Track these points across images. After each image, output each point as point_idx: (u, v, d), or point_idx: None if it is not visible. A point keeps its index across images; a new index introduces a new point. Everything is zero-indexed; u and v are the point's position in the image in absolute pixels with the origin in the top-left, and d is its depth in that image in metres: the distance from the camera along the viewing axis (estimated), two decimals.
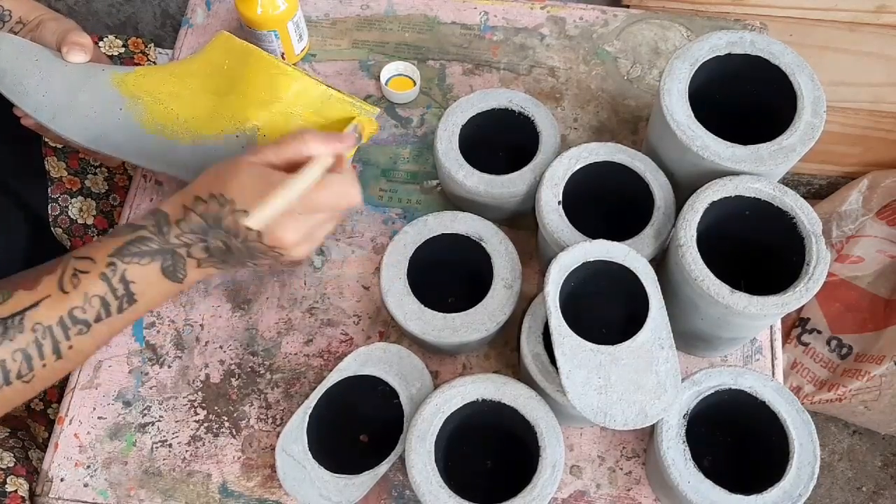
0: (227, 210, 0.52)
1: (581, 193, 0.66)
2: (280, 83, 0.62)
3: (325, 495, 0.61)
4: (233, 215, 0.52)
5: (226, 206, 0.52)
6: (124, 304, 0.53)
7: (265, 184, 0.51)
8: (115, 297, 0.53)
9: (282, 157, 0.53)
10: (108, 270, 0.52)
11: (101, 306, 0.53)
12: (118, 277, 0.52)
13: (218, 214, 0.52)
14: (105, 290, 0.52)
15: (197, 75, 0.64)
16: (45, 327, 0.51)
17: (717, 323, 0.61)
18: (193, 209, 0.53)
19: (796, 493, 0.56)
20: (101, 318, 0.53)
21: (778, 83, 0.63)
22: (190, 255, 0.54)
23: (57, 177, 0.78)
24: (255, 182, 0.51)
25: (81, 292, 0.52)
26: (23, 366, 0.51)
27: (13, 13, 0.66)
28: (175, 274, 0.54)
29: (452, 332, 0.63)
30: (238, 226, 0.52)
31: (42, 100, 0.61)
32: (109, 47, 0.86)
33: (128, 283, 0.53)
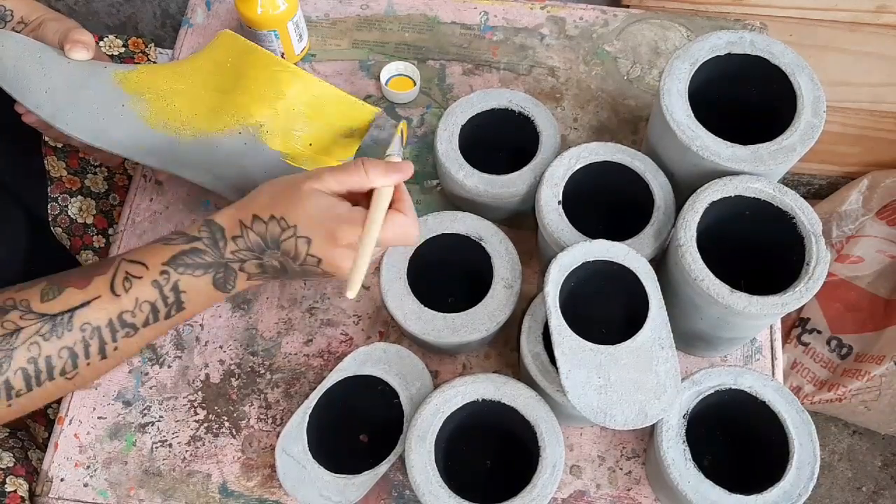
0: (289, 234, 0.52)
1: (581, 193, 0.66)
2: (283, 80, 0.62)
3: (325, 495, 0.61)
4: (295, 240, 0.52)
5: (287, 230, 0.52)
6: (173, 310, 0.54)
7: (332, 218, 0.52)
8: (164, 305, 0.53)
9: (344, 186, 0.53)
10: (161, 278, 0.53)
11: (150, 312, 0.53)
12: (170, 286, 0.53)
13: (278, 238, 0.52)
14: (156, 296, 0.53)
15: (200, 72, 0.64)
16: (93, 328, 0.52)
17: (717, 323, 0.61)
18: (252, 228, 0.53)
19: (796, 493, 0.56)
20: (149, 322, 0.53)
21: (778, 83, 0.63)
22: (242, 270, 0.54)
23: (57, 176, 0.78)
24: (321, 213, 0.52)
25: (133, 297, 0.52)
26: (67, 363, 0.52)
27: (15, 13, 0.66)
28: (225, 285, 0.55)
29: (452, 332, 0.63)
30: (298, 250, 0.52)
31: (44, 97, 0.61)
32: (110, 47, 0.86)
33: (179, 292, 0.53)
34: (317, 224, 0.52)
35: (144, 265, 0.53)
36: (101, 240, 0.80)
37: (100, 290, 0.52)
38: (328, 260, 0.53)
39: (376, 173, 0.54)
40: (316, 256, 0.52)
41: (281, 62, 0.62)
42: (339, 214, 0.52)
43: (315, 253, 0.52)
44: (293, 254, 0.53)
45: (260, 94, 0.62)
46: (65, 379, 0.52)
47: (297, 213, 0.52)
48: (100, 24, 1.39)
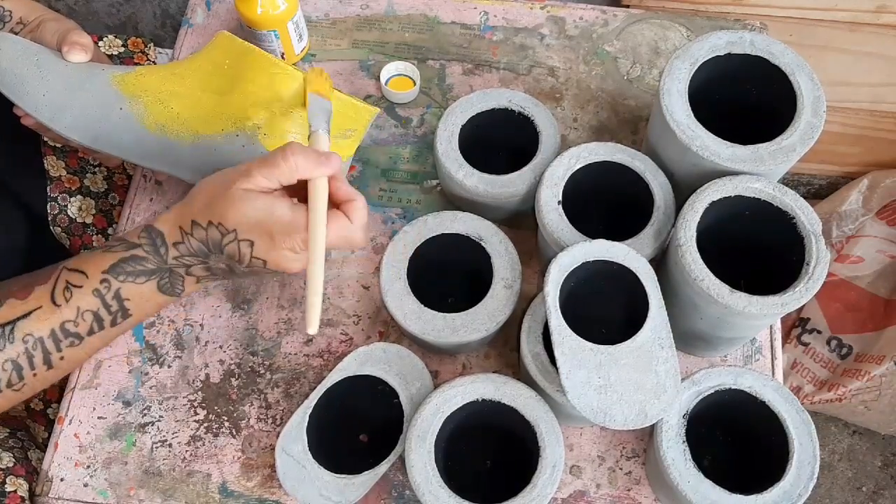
0: (230, 238, 0.51)
1: (581, 193, 0.66)
2: (280, 82, 0.62)
3: (325, 495, 0.61)
4: (237, 244, 0.51)
5: (227, 234, 0.51)
6: (118, 318, 0.53)
7: (268, 220, 0.50)
8: (108, 313, 0.52)
9: (273, 181, 0.52)
10: (102, 287, 0.52)
11: (93, 321, 0.52)
12: (112, 294, 0.52)
13: (220, 242, 0.51)
14: (98, 305, 0.52)
15: (197, 74, 0.64)
16: (35, 339, 0.51)
17: (717, 323, 0.61)
18: (192, 234, 0.52)
19: (796, 493, 0.56)
20: (94, 331, 0.52)
21: (778, 83, 0.63)
22: (189, 274, 0.54)
23: (56, 176, 0.78)
24: (257, 215, 0.50)
25: (74, 306, 0.51)
26: (13, 375, 0.51)
27: (13, 13, 0.66)
28: (172, 289, 0.54)
29: (452, 332, 0.63)
30: (242, 253, 0.51)
31: (42, 99, 0.61)
32: (109, 47, 0.86)
33: (122, 299, 0.52)
34: (255, 227, 0.50)
35: (84, 274, 0.52)
36: (101, 239, 0.80)
37: (40, 301, 0.51)
38: (272, 262, 0.52)
39: (304, 165, 0.51)
40: (260, 259, 0.51)
41: (278, 63, 0.62)
42: (277, 218, 0.50)
43: (259, 255, 0.51)
44: (237, 257, 0.52)
45: (257, 95, 0.62)
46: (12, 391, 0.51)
47: (234, 218, 0.50)
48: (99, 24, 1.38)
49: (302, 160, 0.51)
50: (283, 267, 0.52)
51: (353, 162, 0.78)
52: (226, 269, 0.54)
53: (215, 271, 0.54)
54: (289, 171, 0.51)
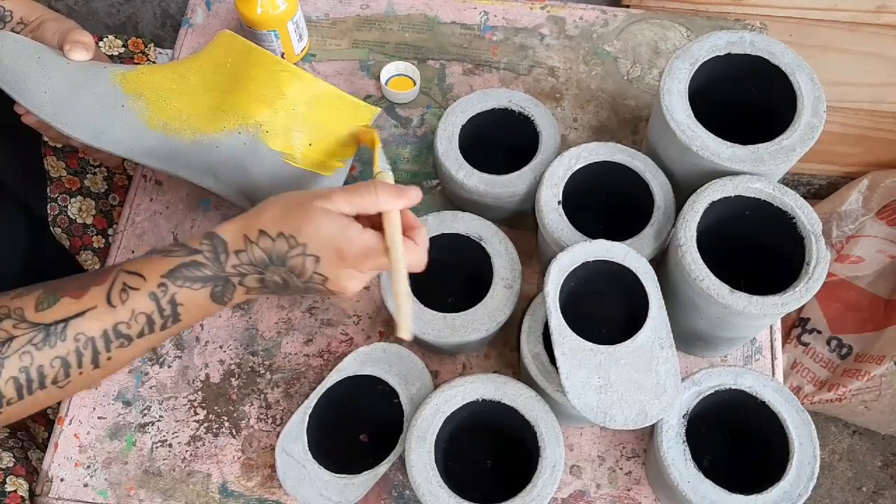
0: (297, 252, 0.52)
1: (581, 193, 0.66)
2: (283, 80, 0.62)
3: (325, 495, 0.61)
4: (303, 258, 0.52)
5: (296, 248, 0.52)
6: (169, 322, 0.53)
7: (343, 239, 0.52)
8: (161, 317, 0.53)
9: (354, 208, 0.53)
10: (159, 291, 0.52)
11: (145, 323, 0.52)
12: (168, 299, 0.52)
13: (285, 255, 0.52)
14: (153, 308, 0.52)
15: (200, 73, 0.64)
16: (87, 338, 0.51)
17: (717, 323, 0.61)
18: (257, 243, 0.53)
19: (796, 493, 0.56)
20: (144, 333, 0.53)
21: (778, 83, 0.63)
22: (242, 284, 0.54)
23: (56, 176, 0.78)
24: (331, 234, 0.52)
25: (129, 308, 0.52)
26: (60, 372, 0.51)
27: (14, 13, 0.66)
28: (222, 298, 0.54)
29: (452, 332, 0.63)
30: (306, 268, 0.52)
31: (44, 97, 0.61)
32: (109, 47, 0.86)
33: (176, 304, 0.53)
34: (326, 243, 0.52)
35: (143, 277, 0.52)
36: (101, 240, 0.80)
37: (96, 301, 0.52)
38: (335, 279, 0.53)
39: (387, 198, 0.53)
40: (322, 275, 0.53)
41: (281, 62, 0.62)
42: (351, 236, 0.52)
43: (322, 272, 0.52)
44: (299, 271, 0.53)
45: (259, 94, 0.62)
46: (56, 388, 0.52)
47: (307, 232, 0.52)
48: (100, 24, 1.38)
49: (384, 194, 0.53)
50: (343, 285, 0.53)
51: (354, 162, 0.78)
52: (280, 284, 0.54)
53: (268, 284, 0.54)
54: (372, 202, 0.53)
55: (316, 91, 0.63)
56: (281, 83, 0.62)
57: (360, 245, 0.52)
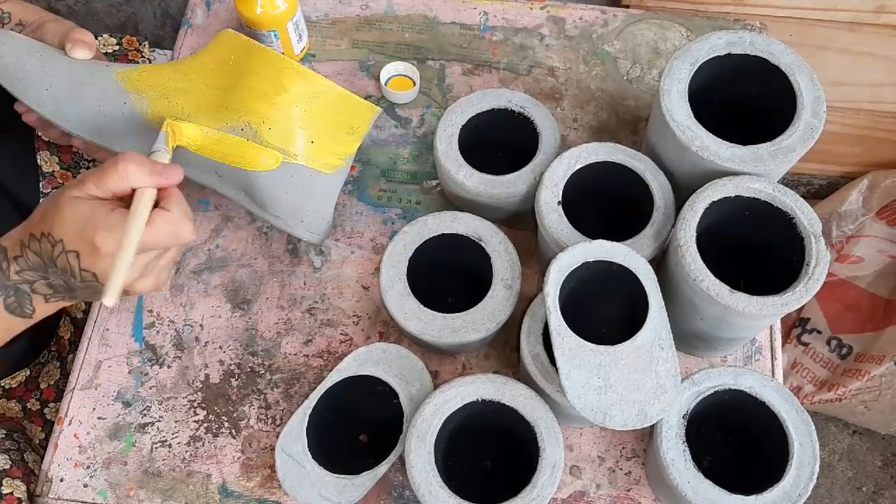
0: (59, 250, 0.49)
1: (581, 193, 0.66)
2: (286, 77, 0.62)
3: (325, 495, 0.61)
4: (65, 255, 0.49)
5: (56, 245, 0.49)
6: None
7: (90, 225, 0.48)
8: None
9: (104, 189, 0.50)
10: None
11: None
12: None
13: (52, 255, 0.50)
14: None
15: (202, 70, 0.64)
16: None
17: (717, 323, 0.61)
18: (29, 247, 0.50)
19: (796, 494, 0.56)
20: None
21: (778, 83, 0.63)
22: (35, 291, 0.52)
23: (49, 171, 0.78)
24: (81, 222, 0.49)
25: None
26: None
27: (13, 16, 0.66)
28: (21, 309, 0.52)
29: (452, 332, 0.63)
30: (71, 266, 0.49)
31: (45, 94, 0.61)
32: (104, 46, 0.86)
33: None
34: (79, 235, 0.48)
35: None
36: None
37: None
38: (100, 273, 0.49)
39: (136, 174, 0.50)
40: (89, 271, 0.49)
41: (283, 59, 0.62)
42: (96, 221, 0.48)
43: (86, 267, 0.49)
44: (70, 271, 0.50)
45: (262, 91, 0.62)
46: None
47: (61, 226, 0.49)
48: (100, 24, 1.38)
49: (134, 168, 0.50)
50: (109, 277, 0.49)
51: (354, 162, 0.78)
52: (65, 286, 0.51)
53: (57, 288, 0.52)
54: (118, 178, 0.50)
55: (318, 88, 0.63)
56: (283, 80, 0.62)
57: (104, 226, 0.48)
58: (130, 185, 0.50)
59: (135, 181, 0.50)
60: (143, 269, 0.52)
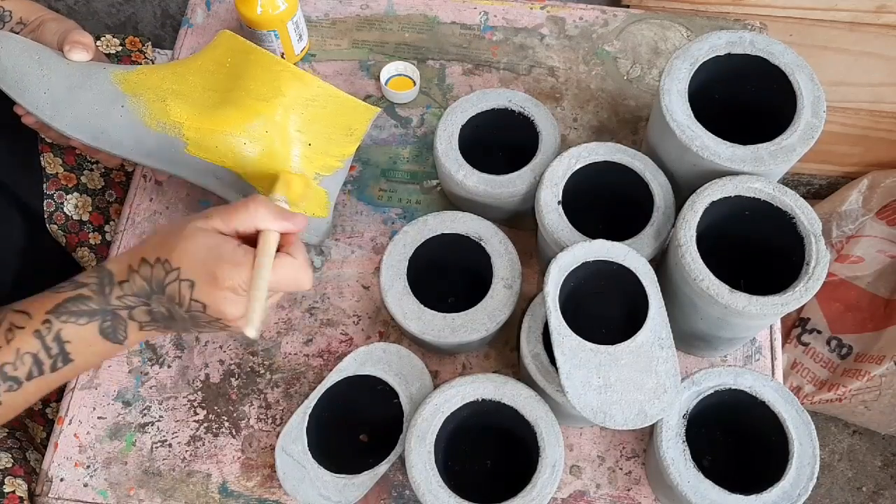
0: (172, 277, 0.50)
1: (581, 193, 0.66)
2: (283, 80, 0.62)
3: (325, 495, 0.61)
4: (178, 283, 0.49)
5: (171, 273, 0.50)
6: (58, 363, 0.51)
7: (214, 258, 0.49)
8: (48, 356, 0.50)
9: (230, 226, 0.51)
10: (43, 328, 0.50)
11: (32, 364, 0.50)
12: (52, 336, 0.50)
13: (162, 281, 0.50)
14: (38, 347, 0.50)
15: (199, 73, 0.64)
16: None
17: (717, 323, 0.61)
18: (139, 272, 0.51)
19: (796, 493, 0.56)
20: (33, 375, 0.51)
21: (778, 83, 0.63)
22: (132, 318, 0.52)
23: (53, 173, 0.78)
24: (203, 253, 0.49)
25: (13, 348, 0.50)
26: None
27: (14, 14, 0.66)
28: (115, 335, 0.52)
29: (452, 332, 0.63)
30: (182, 295, 0.50)
31: (43, 97, 0.61)
32: (107, 46, 0.86)
33: (62, 342, 0.50)
34: (199, 265, 0.49)
35: (28, 314, 0.51)
36: (98, 237, 0.80)
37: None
38: (212, 305, 0.50)
39: (264, 216, 0.51)
40: (200, 301, 0.50)
41: (281, 62, 0.62)
42: (222, 254, 0.49)
43: (198, 297, 0.50)
44: (178, 299, 0.50)
45: (259, 94, 0.62)
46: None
47: (180, 255, 0.49)
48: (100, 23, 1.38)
49: (264, 210, 0.51)
50: (222, 310, 0.50)
51: (353, 162, 0.78)
52: (166, 315, 0.52)
53: (156, 316, 0.52)
54: (247, 217, 0.51)
55: (316, 91, 0.63)
56: (280, 83, 0.62)
57: (230, 261, 0.49)
58: (257, 226, 0.51)
59: (263, 222, 0.51)
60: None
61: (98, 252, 0.80)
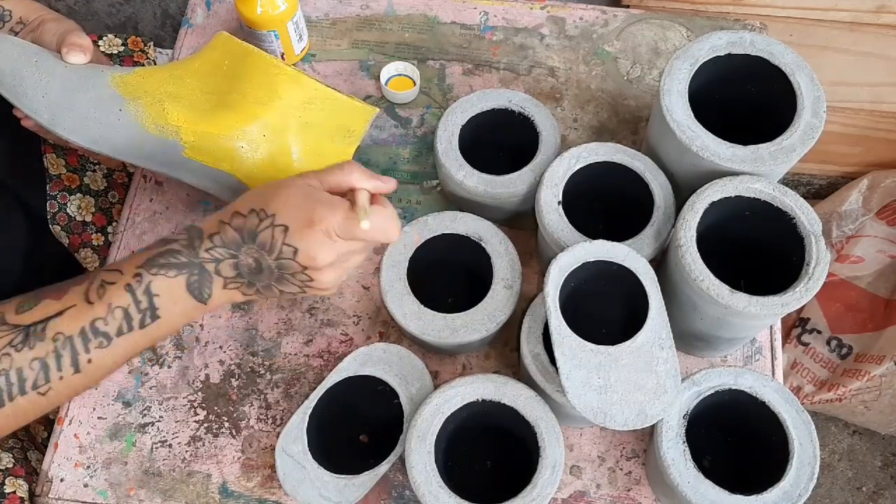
0: (267, 224, 0.52)
1: (581, 193, 0.66)
2: (280, 82, 0.62)
3: (325, 495, 0.61)
4: (272, 229, 0.52)
5: (265, 220, 0.52)
6: (147, 318, 0.52)
7: (310, 201, 0.52)
8: (137, 311, 0.52)
9: (325, 183, 0.54)
10: (134, 281, 0.52)
11: (123, 318, 0.52)
12: (143, 289, 0.52)
13: (255, 229, 0.52)
14: (129, 301, 0.52)
15: (196, 75, 0.63)
16: (66, 337, 0.50)
17: (717, 323, 0.61)
18: (230, 223, 0.53)
19: (796, 494, 0.56)
20: (123, 331, 0.52)
21: (778, 83, 0.63)
22: (218, 273, 0.53)
23: (56, 174, 0.78)
24: (299, 199, 0.52)
25: (105, 303, 0.51)
26: (39, 376, 0.50)
27: (13, 13, 0.66)
28: (200, 291, 0.53)
29: (452, 333, 0.63)
30: (275, 239, 0.52)
31: (41, 101, 0.61)
32: (109, 46, 0.86)
33: (152, 295, 0.52)
34: (295, 210, 0.52)
35: (119, 271, 0.52)
36: (100, 237, 0.80)
37: (75, 300, 0.51)
38: (304, 249, 0.52)
39: (359, 174, 0.54)
40: (292, 246, 0.52)
41: (278, 64, 0.62)
42: (318, 199, 0.52)
43: (291, 242, 0.52)
44: (269, 245, 0.52)
45: (256, 96, 0.62)
46: (37, 394, 0.51)
47: (277, 203, 0.52)
48: (100, 23, 1.38)
49: (358, 169, 0.54)
50: (313, 254, 0.52)
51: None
52: (253, 267, 0.53)
53: (242, 270, 0.54)
54: (342, 174, 0.54)
55: (313, 93, 0.63)
56: (277, 86, 0.62)
57: (327, 203, 0.52)
58: (350, 184, 0.54)
59: (356, 180, 0.54)
60: (338, 258, 0.54)
61: (101, 253, 0.80)
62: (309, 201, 0.52)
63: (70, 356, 0.51)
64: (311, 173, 0.54)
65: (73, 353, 0.51)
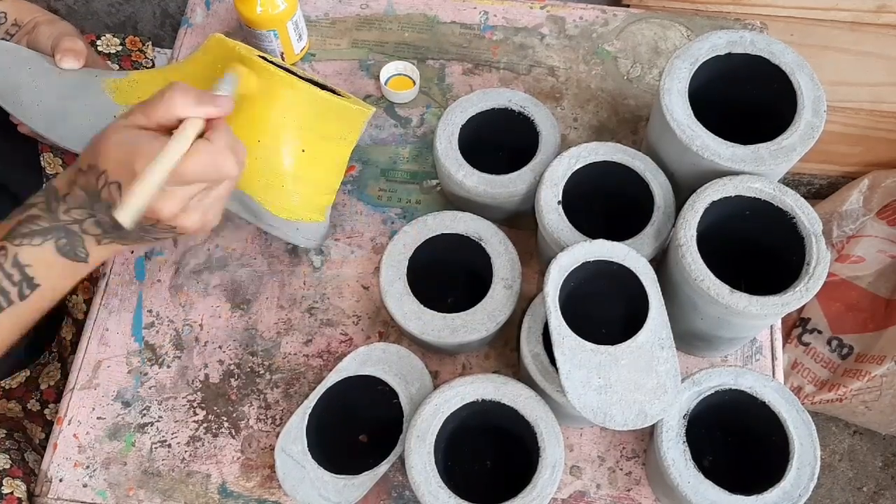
0: (102, 182, 0.48)
1: (581, 193, 0.66)
2: (273, 87, 0.61)
3: (325, 495, 0.61)
4: (108, 187, 0.48)
5: (101, 177, 0.48)
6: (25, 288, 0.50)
7: (132, 152, 0.47)
8: (11, 283, 0.49)
9: (151, 118, 0.48)
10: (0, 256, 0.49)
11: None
12: (10, 262, 0.49)
13: (95, 189, 0.48)
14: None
15: (190, 79, 0.63)
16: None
17: (717, 323, 0.61)
18: (77, 182, 0.49)
19: (796, 494, 0.56)
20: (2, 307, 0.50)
21: (778, 83, 0.63)
22: (85, 232, 0.50)
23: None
24: (124, 150, 0.47)
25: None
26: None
27: (8, 15, 0.65)
28: (74, 252, 0.50)
29: (452, 333, 0.63)
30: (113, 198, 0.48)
31: (36, 109, 0.61)
32: (107, 46, 0.86)
33: (23, 266, 0.49)
34: (122, 164, 0.47)
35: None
36: None
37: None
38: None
39: (182, 103, 0.48)
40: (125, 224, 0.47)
41: (271, 69, 0.62)
42: (138, 148, 0.46)
43: None
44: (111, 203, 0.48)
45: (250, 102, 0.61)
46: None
47: (105, 156, 0.47)
48: (99, 23, 1.38)
49: (180, 97, 0.48)
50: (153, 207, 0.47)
51: (353, 162, 0.78)
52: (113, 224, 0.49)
53: (105, 227, 0.50)
54: (164, 106, 0.48)
55: (307, 97, 0.62)
56: (271, 91, 0.61)
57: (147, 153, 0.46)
58: (176, 115, 0.48)
59: (181, 110, 0.48)
60: (186, 203, 0.49)
61: None
62: (129, 152, 0.47)
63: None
64: (138, 107, 0.48)
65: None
